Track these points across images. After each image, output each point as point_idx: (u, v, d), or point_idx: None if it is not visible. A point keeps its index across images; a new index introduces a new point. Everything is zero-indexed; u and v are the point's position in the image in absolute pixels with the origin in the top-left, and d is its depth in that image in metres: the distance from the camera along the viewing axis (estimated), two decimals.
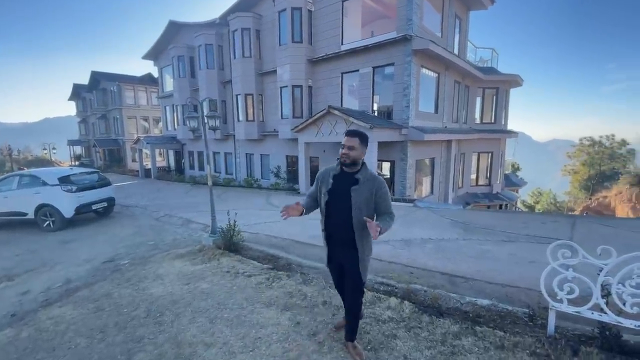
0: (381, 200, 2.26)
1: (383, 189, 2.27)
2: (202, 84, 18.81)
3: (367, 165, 2.37)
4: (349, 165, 2.29)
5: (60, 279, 5.21)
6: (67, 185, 8.33)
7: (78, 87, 39.00)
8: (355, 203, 2.24)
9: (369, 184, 2.25)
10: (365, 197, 2.24)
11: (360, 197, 2.24)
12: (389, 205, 2.30)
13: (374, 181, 2.27)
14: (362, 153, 2.29)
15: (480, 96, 16.77)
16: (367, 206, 2.26)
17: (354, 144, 2.24)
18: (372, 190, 2.25)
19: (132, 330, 3.05)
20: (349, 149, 2.24)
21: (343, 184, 2.30)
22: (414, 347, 2.52)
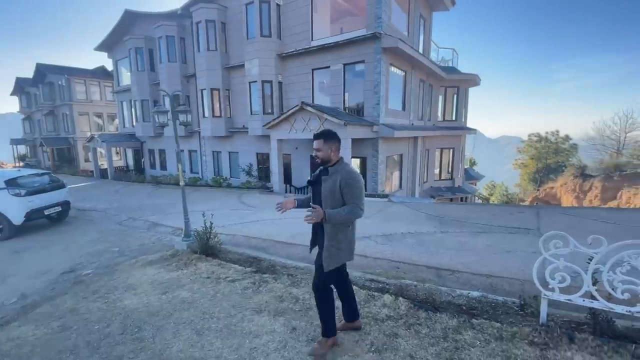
0: (346, 191, 2.36)
1: (349, 181, 2.36)
2: (164, 78, 17.70)
3: (344, 162, 2.51)
4: (321, 164, 2.52)
5: (13, 293, 4.61)
6: (14, 189, 7.43)
7: (21, 80, 35.03)
8: (323, 192, 2.43)
9: (337, 175, 2.40)
10: (331, 187, 2.40)
11: (326, 187, 2.42)
12: (354, 197, 2.36)
13: (340, 173, 2.40)
14: (330, 150, 2.45)
15: (443, 95, 17.49)
16: (332, 196, 2.40)
17: (319, 145, 2.45)
18: (337, 182, 2.38)
19: (108, 350, 2.72)
20: (316, 151, 2.47)
21: (319, 176, 2.52)
22: (418, 345, 2.50)
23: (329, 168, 2.46)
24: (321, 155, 2.44)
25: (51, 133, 31.93)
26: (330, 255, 2.42)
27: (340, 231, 2.43)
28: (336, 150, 2.47)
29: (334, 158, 2.46)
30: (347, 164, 2.49)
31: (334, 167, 2.44)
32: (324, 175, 2.46)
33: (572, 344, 2.31)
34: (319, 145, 2.43)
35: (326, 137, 2.43)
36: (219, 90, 15.68)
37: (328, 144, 2.43)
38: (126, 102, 22.38)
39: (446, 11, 16.15)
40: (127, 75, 21.67)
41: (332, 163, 2.46)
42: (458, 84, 17.08)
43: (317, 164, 2.52)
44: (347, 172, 2.39)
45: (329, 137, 2.45)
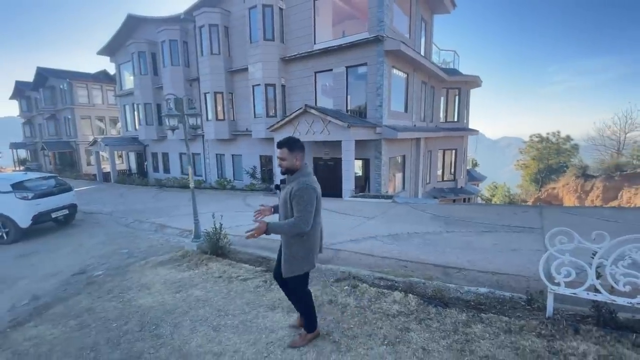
0: (294, 202, 2.33)
1: (297, 193, 2.31)
2: (167, 82, 17.86)
3: (306, 171, 2.46)
4: (285, 173, 2.47)
5: (24, 295, 4.70)
6: (22, 192, 7.53)
7: (21, 84, 35.29)
8: (279, 201, 2.53)
9: (289, 186, 2.39)
10: (284, 196, 2.42)
11: (281, 195, 2.48)
12: (298, 210, 2.31)
13: (292, 184, 2.40)
14: (294, 159, 2.41)
15: (444, 96, 17.61)
16: (285, 205, 2.43)
17: (284, 154, 2.40)
18: (288, 192, 2.37)
19: (129, 346, 2.81)
20: (280, 160, 2.42)
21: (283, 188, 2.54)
22: (430, 339, 2.59)
23: (287, 177, 2.46)
24: (285, 164, 2.40)
25: (53, 137, 32.13)
26: (289, 263, 2.44)
27: (295, 242, 2.42)
28: (300, 159, 2.44)
29: (297, 166, 2.42)
30: (305, 175, 2.41)
31: (293, 176, 2.42)
32: (283, 184, 2.49)
33: (577, 335, 2.40)
34: (284, 154, 2.38)
35: (291, 146, 2.39)
36: (222, 94, 15.84)
37: (293, 153, 2.39)
38: (129, 105, 22.55)
39: (447, 14, 16.30)
40: (130, 79, 21.85)
41: (293, 172, 2.43)
42: (459, 85, 17.21)
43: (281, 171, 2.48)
44: (299, 182, 2.33)
45: (293, 145, 2.41)
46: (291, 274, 2.45)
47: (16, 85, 36.13)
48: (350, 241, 5.60)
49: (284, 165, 2.40)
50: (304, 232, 2.35)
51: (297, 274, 2.47)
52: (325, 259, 4.89)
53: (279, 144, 2.41)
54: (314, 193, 2.34)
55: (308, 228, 2.33)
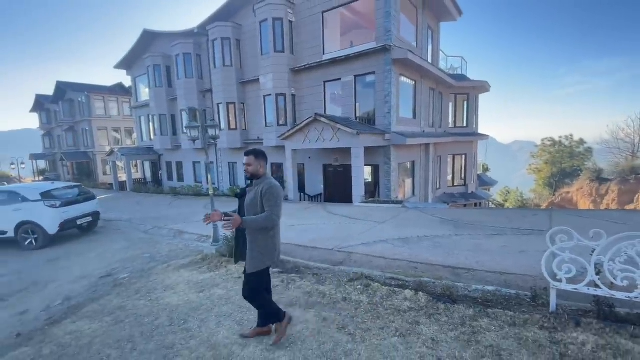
0: (265, 199, 2.63)
1: (268, 191, 2.64)
2: (181, 93, 18.54)
3: (268, 176, 2.82)
4: (250, 178, 2.78)
5: (58, 296, 5.04)
6: (50, 201, 7.99)
7: (41, 98, 36.87)
8: (246, 202, 2.75)
9: (259, 187, 2.70)
10: (252, 197, 2.70)
11: (249, 197, 2.74)
12: (271, 206, 2.61)
13: (261, 184, 2.70)
14: (259, 166, 2.77)
15: (453, 102, 17.75)
16: (253, 206, 2.68)
17: (250, 161, 2.74)
18: (258, 192, 2.67)
19: (161, 338, 3.08)
20: (247, 165, 2.74)
21: (245, 189, 2.86)
22: (438, 331, 2.78)
23: (253, 181, 2.76)
24: (251, 170, 2.72)
25: (71, 148, 33.34)
26: (253, 258, 2.69)
27: (262, 238, 2.68)
28: (264, 166, 2.80)
29: (261, 173, 2.76)
30: (270, 178, 2.77)
31: (258, 180, 2.74)
32: (249, 188, 2.80)
33: (578, 327, 2.56)
34: (250, 161, 2.72)
35: (256, 155, 2.76)
36: (234, 104, 16.35)
37: (258, 161, 2.74)
38: (144, 117, 23.36)
39: (453, 21, 16.55)
40: (145, 92, 22.70)
41: (258, 177, 2.75)
42: (468, 91, 17.34)
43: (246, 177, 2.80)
44: (268, 184, 2.67)
45: (259, 155, 2.78)
46: (255, 269, 2.71)
47: (37, 99, 37.76)
48: (362, 244, 5.80)
49: (250, 171, 2.73)
50: (275, 225, 2.70)
51: (260, 268, 2.74)
52: (337, 261, 5.11)
53: (246, 153, 2.76)
54: (282, 192, 2.77)
55: (279, 220, 2.72)
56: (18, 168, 30.38)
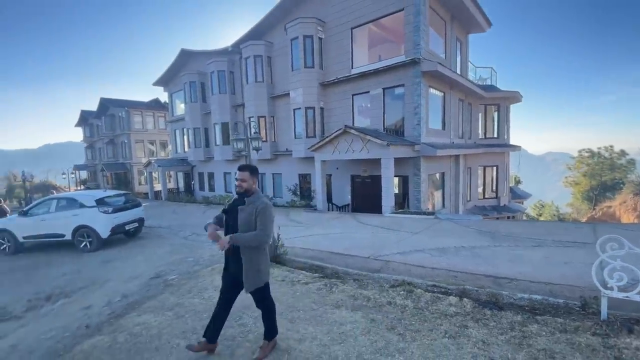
0: (258, 219, 2.68)
1: (262, 211, 2.69)
2: (215, 108, 19.54)
3: (260, 193, 2.85)
4: (242, 193, 2.79)
5: (116, 294, 5.49)
6: (103, 207, 8.69)
7: (86, 113, 39.94)
8: (240, 219, 2.71)
9: (253, 206, 2.72)
10: (247, 216, 2.70)
11: (243, 214, 2.72)
12: (262, 225, 2.68)
13: (256, 203, 2.73)
14: (253, 182, 2.80)
15: (483, 112, 17.53)
16: (248, 223, 2.70)
17: (245, 177, 2.76)
18: (253, 210, 2.70)
19: (222, 332, 3.35)
20: (241, 181, 2.76)
21: (235, 205, 2.82)
22: (488, 334, 2.86)
23: (245, 198, 2.76)
24: (245, 186, 2.75)
25: (111, 159, 35.65)
26: (254, 278, 2.75)
27: (256, 256, 2.74)
28: (256, 182, 2.85)
29: (254, 189, 2.80)
30: (262, 196, 2.81)
31: (251, 198, 2.76)
32: (241, 205, 2.75)
33: (631, 334, 2.56)
34: (245, 177, 2.75)
35: (251, 171, 2.80)
36: (265, 117, 17.04)
37: (252, 177, 2.78)
38: (179, 130, 24.72)
39: (482, 32, 16.51)
40: (180, 107, 24.10)
41: (250, 193, 2.77)
42: (498, 101, 17.09)
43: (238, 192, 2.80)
44: (264, 202, 2.73)
45: (253, 171, 2.83)
46: (255, 287, 2.78)
47: (82, 114, 40.93)
48: (397, 253, 5.90)
49: (245, 187, 2.76)
50: (265, 243, 2.76)
51: (259, 286, 2.81)
52: (375, 269, 5.25)
53: (241, 168, 2.81)
54: (274, 212, 2.83)
55: (269, 240, 2.79)
56: (68, 178, 32.83)
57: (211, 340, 2.97)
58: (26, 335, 4.30)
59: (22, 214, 9.02)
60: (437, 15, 12.74)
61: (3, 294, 6.18)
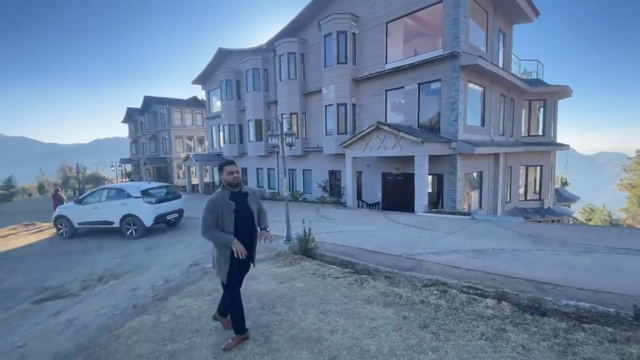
0: (260, 203, 3.23)
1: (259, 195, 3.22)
2: (249, 105, 20.08)
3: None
4: (238, 185, 3.02)
5: (159, 278, 5.89)
6: (147, 198, 9.31)
7: (131, 110, 42.76)
8: (253, 208, 3.10)
9: (254, 195, 3.16)
10: (256, 202, 3.16)
11: (254, 204, 3.12)
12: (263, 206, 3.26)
13: (255, 192, 3.19)
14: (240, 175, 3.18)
15: (527, 109, 16.47)
16: (259, 208, 3.19)
17: (237, 168, 3.08)
18: (257, 198, 3.18)
19: (257, 318, 3.50)
20: (237, 173, 3.04)
21: (241, 200, 3.03)
22: (528, 339, 2.72)
23: (241, 192, 3.04)
24: (240, 178, 3.06)
25: (153, 154, 37.93)
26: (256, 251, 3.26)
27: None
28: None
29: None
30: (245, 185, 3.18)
31: (246, 190, 3.10)
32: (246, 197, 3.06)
33: None
34: (237, 168, 3.07)
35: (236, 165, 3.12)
36: (297, 114, 17.24)
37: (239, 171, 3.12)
38: (215, 126, 25.72)
39: (528, 22, 15.47)
40: (217, 104, 25.03)
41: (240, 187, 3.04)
42: (545, 96, 15.98)
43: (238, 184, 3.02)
44: (253, 191, 3.17)
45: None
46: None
47: (127, 111, 43.88)
48: (431, 253, 5.76)
49: (239, 179, 3.05)
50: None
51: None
52: (407, 268, 5.16)
53: (231, 162, 3.07)
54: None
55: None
56: (116, 171, 35.46)
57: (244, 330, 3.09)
58: (81, 311, 4.75)
59: (77, 202, 9.91)
60: (479, 5, 12.12)
61: (62, 273, 6.86)
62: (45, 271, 7.03)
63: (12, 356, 3.56)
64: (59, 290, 5.86)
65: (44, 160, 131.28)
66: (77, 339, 3.76)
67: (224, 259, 2.99)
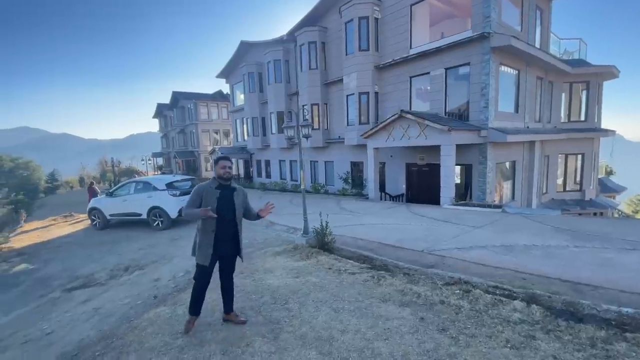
0: (247, 201, 3.37)
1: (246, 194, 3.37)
2: (271, 97, 20.09)
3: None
4: (228, 179, 3.17)
5: (180, 269, 6.03)
6: (172, 190, 9.58)
7: (161, 106, 44.40)
8: (237, 203, 3.17)
9: (241, 191, 3.29)
10: (242, 198, 3.25)
11: (239, 199, 3.21)
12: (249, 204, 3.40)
13: (243, 190, 3.32)
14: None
15: (567, 92, 15.17)
16: (243, 204, 3.27)
17: (230, 164, 3.21)
18: (244, 195, 3.30)
19: (268, 314, 3.43)
20: (229, 168, 3.17)
21: (226, 192, 3.15)
22: (561, 349, 2.43)
23: (230, 186, 3.17)
24: (231, 172, 3.18)
25: (182, 147, 39.29)
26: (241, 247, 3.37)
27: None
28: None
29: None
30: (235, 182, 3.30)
31: (234, 184, 3.23)
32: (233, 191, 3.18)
33: None
34: (230, 164, 3.21)
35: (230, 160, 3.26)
36: (318, 105, 17.01)
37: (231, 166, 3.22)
38: (239, 119, 26.07)
39: None
40: (240, 97, 25.29)
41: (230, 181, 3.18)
42: (588, 78, 14.62)
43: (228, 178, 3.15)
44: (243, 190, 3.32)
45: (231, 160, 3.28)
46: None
47: (157, 107, 45.59)
48: (455, 249, 5.43)
49: (230, 174, 3.18)
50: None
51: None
52: (428, 264, 4.89)
53: (224, 158, 3.20)
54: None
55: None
56: (147, 164, 37.19)
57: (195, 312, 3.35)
58: (107, 300, 4.95)
59: (109, 194, 10.41)
60: None
61: (93, 263, 7.24)
62: (78, 260, 7.45)
63: (40, 343, 3.75)
64: (88, 279, 6.17)
65: (86, 155, 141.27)
66: (100, 327, 3.90)
67: (206, 242, 3.17)
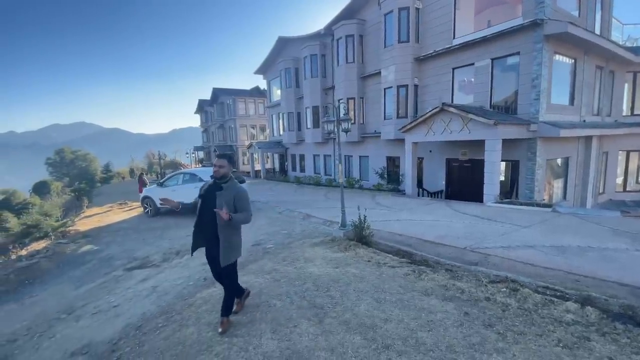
0: (238, 202, 3.05)
1: (241, 195, 3.08)
2: (307, 92, 20.30)
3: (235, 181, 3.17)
4: (219, 178, 3.07)
5: None
6: None
7: (202, 102, 46.58)
8: (218, 204, 2.95)
9: (230, 191, 3.05)
10: (227, 200, 2.98)
11: (221, 199, 2.98)
12: (245, 207, 3.09)
13: (233, 188, 3.09)
14: (229, 169, 3.12)
15: (630, 82, 13.75)
16: (229, 206, 2.96)
17: (223, 164, 3.08)
18: (231, 196, 3.03)
19: (311, 299, 3.60)
20: (219, 167, 3.04)
21: (212, 191, 3.09)
22: (617, 351, 2.32)
23: (222, 185, 3.06)
24: (223, 171, 3.05)
25: (221, 142, 41.01)
26: (227, 254, 3.04)
27: (235, 234, 3.12)
28: (231, 170, 3.15)
29: (228, 175, 3.10)
30: (236, 182, 3.15)
31: (228, 184, 3.08)
32: (218, 191, 3.03)
33: None
34: (224, 164, 3.07)
35: (229, 160, 3.15)
36: (354, 99, 16.92)
37: (229, 165, 3.11)
38: (275, 115, 26.67)
39: None
40: (277, 93, 25.84)
41: (226, 179, 3.07)
42: None
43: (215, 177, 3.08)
44: (241, 189, 3.11)
45: (230, 159, 3.18)
46: (228, 262, 3.08)
47: (199, 103, 47.86)
48: (500, 247, 5.24)
49: (222, 172, 3.06)
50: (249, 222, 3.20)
51: (231, 262, 3.13)
52: (471, 261, 4.78)
53: (220, 156, 3.12)
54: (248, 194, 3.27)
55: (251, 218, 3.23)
56: (190, 158, 39.46)
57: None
58: (162, 280, 5.42)
59: (159, 184, 11.24)
60: None
61: (147, 246, 7.91)
62: (134, 244, 8.19)
63: (109, 314, 4.23)
64: (145, 261, 6.77)
65: (134, 148, 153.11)
66: (159, 303, 4.31)
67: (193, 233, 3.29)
